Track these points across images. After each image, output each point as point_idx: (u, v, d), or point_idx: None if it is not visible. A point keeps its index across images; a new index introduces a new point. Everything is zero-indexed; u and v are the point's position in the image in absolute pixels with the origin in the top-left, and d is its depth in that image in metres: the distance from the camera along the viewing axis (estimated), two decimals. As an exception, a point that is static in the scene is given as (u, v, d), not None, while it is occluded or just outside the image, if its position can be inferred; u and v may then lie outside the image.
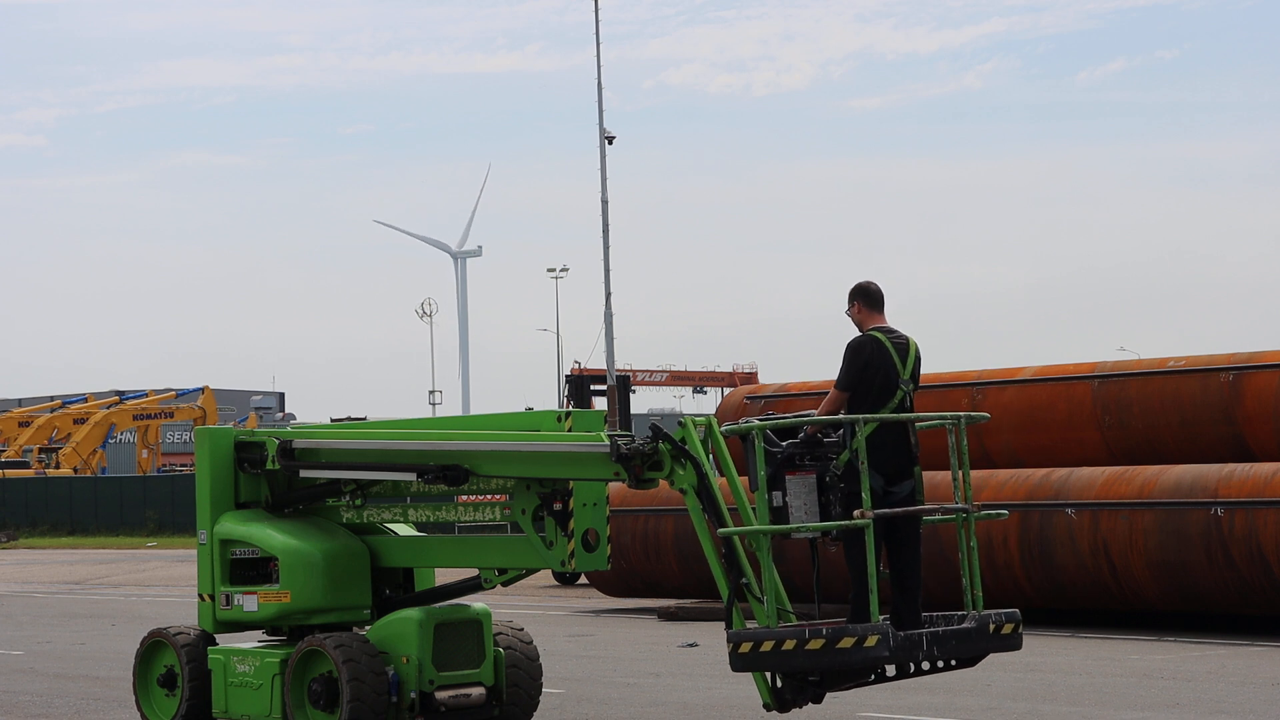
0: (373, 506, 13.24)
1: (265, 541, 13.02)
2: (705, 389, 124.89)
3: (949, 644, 10.40)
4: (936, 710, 13.75)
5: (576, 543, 11.87)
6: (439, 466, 12.23)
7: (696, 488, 10.66)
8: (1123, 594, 20.19)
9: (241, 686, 12.88)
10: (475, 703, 12.55)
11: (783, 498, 10.28)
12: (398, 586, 13.39)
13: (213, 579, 13.25)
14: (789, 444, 10.43)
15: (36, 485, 65.04)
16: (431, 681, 12.33)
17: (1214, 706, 13.78)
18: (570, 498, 11.92)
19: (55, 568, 41.71)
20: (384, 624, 12.62)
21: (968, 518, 10.72)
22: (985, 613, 10.62)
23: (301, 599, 12.82)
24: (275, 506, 13.50)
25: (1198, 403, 20.82)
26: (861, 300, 11.04)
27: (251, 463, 13.45)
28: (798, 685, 10.40)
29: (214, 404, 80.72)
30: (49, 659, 19.68)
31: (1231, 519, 19.07)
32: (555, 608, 26.25)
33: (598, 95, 50.62)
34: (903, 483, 10.66)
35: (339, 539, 13.12)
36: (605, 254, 50.64)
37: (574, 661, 17.98)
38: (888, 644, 9.90)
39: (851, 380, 10.63)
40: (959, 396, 22.84)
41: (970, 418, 10.89)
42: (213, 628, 13.33)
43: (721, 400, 30.62)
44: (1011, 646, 10.77)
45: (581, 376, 53.71)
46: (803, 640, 9.95)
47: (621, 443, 11.03)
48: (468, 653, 12.59)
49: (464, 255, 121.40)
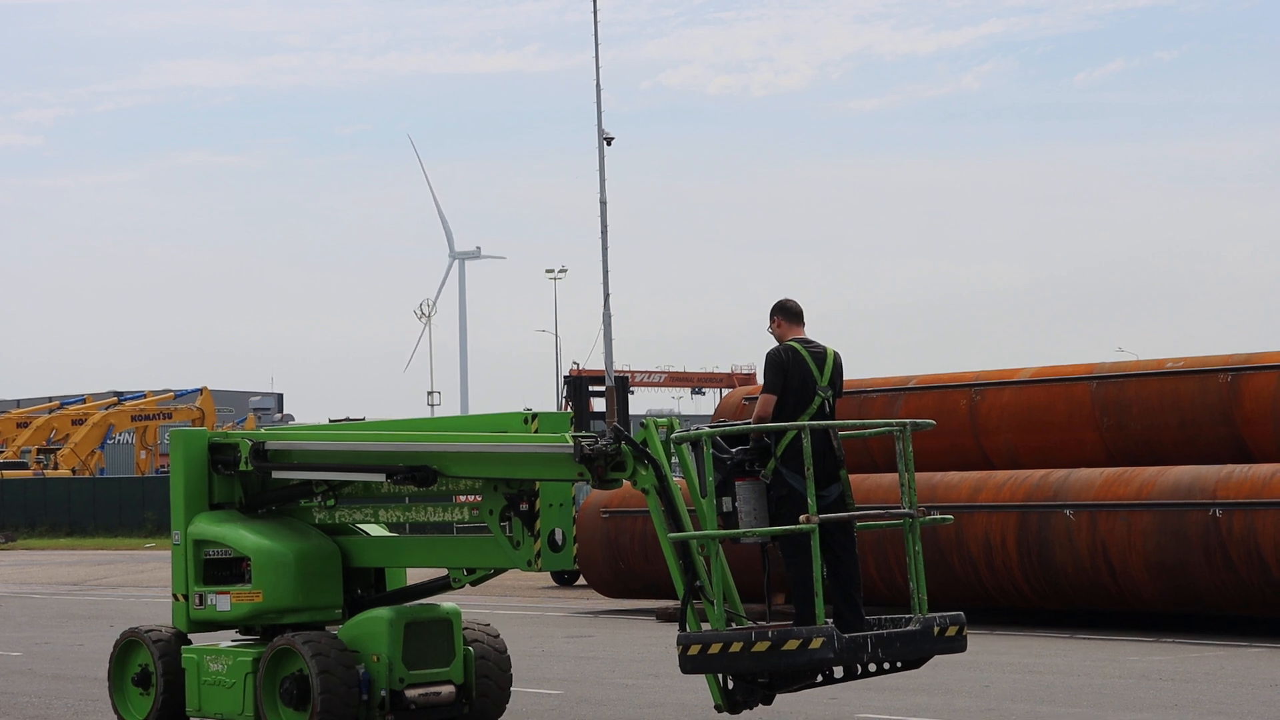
0: (344, 507, 13.44)
1: (238, 542, 13.25)
2: (703, 390, 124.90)
3: (894, 646, 10.61)
4: (934, 711, 13.74)
5: (543, 543, 12.10)
6: (408, 468, 12.45)
7: (657, 489, 10.89)
8: (1121, 595, 20.18)
9: (215, 685, 13.10)
10: (445, 701, 12.77)
11: (733, 503, 10.55)
12: (369, 586, 13.60)
13: (186, 579, 13.50)
14: (739, 450, 10.70)
15: (35, 486, 64.97)
16: (402, 680, 12.54)
17: (1213, 708, 13.78)
18: (536, 498, 12.12)
19: (53, 569, 41.68)
20: (355, 623, 12.83)
21: (913, 522, 10.86)
22: (930, 615, 10.81)
23: (273, 599, 13.05)
24: (249, 507, 13.74)
25: (1196, 404, 20.81)
26: (781, 316, 11.36)
27: (225, 464, 13.71)
28: (748, 687, 10.65)
29: (212, 405, 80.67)
30: (47, 660, 19.66)
31: (1230, 520, 19.06)
32: (554, 609, 26.24)
33: (596, 96, 50.62)
34: (829, 487, 10.85)
35: (311, 539, 13.35)
36: (604, 255, 50.62)
37: (572, 662, 17.97)
38: (833, 646, 10.11)
39: (775, 383, 10.94)
40: (958, 398, 22.84)
41: (916, 424, 11.04)
42: (186, 627, 13.56)
43: (720, 401, 30.62)
44: (956, 649, 10.98)
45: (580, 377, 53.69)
46: (749, 643, 10.17)
47: (585, 444, 11.25)
48: (438, 651, 12.80)
49: (462, 256, 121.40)
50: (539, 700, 14.97)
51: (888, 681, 14.56)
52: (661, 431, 11.06)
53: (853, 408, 23.05)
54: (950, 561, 21.20)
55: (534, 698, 15.09)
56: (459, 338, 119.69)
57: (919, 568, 10.87)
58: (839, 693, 14.23)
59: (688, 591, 10.61)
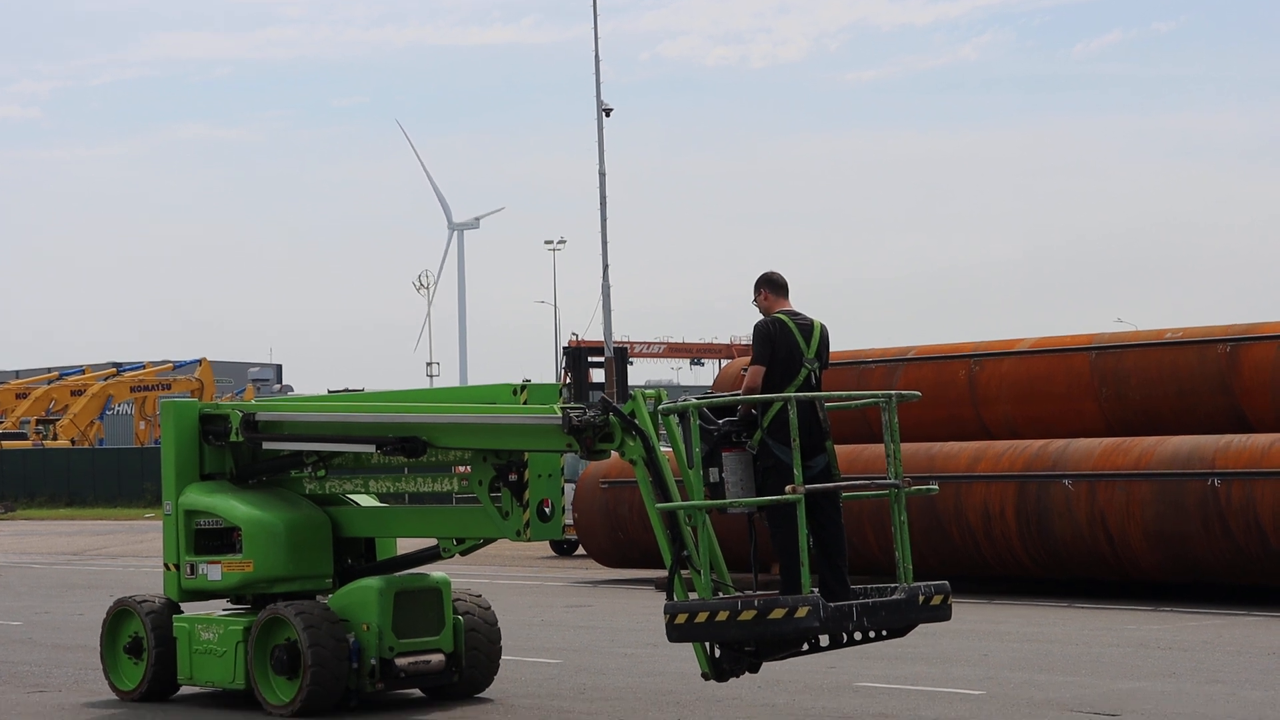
0: (335, 478, 13.52)
1: (229, 512, 13.37)
2: (703, 361, 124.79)
3: (879, 614, 10.70)
4: (934, 680, 13.77)
5: (532, 513, 12.24)
6: (397, 438, 12.58)
7: (645, 460, 10.98)
8: (1120, 564, 20.21)
9: (206, 654, 13.24)
10: (435, 669, 12.92)
11: (719, 474, 10.62)
12: (359, 556, 13.72)
13: (178, 549, 13.63)
14: (725, 421, 10.75)
15: (34, 457, 65.03)
16: (391, 649, 12.68)
17: (1210, 676, 13.81)
18: (525, 469, 12.24)
19: (53, 539, 41.73)
20: (345, 592, 12.95)
21: (898, 493, 10.91)
22: (915, 585, 10.89)
23: (264, 568, 13.17)
24: (240, 478, 13.85)
25: (1195, 374, 20.80)
26: (768, 288, 11.34)
27: (216, 435, 13.81)
28: (734, 655, 10.75)
29: (211, 376, 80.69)
30: (47, 629, 19.70)
31: (1229, 490, 19.08)
32: (553, 578, 26.28)
33: (595, 68, 50.52)
34: (816, 458, 10.88)
35: (301, 509, 13.46)
36: (603, 226, 50.60)
37: (571, 632, 18.00)
38: (818, 615, 10.20)
39: (763, 355, 10.94)
40: (957, 368, 22.84)
41: (901, 396, 11.12)
42: (178, 596, 13.70)
43: (719, 372, 30.62)
44: (941, 617, 11.05)
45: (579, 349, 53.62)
46: (735, 612, 10.25)
47: (573, 415, 11.35)
48: (427, 620, 12.93)
49: (461, 227, 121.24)
50: (538, 669, 15.00)
51: (885, 650, 14.60)
52: (649, 403, 11.15)
53: (851, 378, 23.05)
54: (949, 531, 21.22)
55: (533, 667, 15.12)
56: (458, 309, 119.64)
57: (904, 537, 10.94)
58: (837, 661, 14.27)
59: (675, 561, 10.68)
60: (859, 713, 12.25)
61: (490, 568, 28.15)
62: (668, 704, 12.82)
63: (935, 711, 12.22)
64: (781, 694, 13.14)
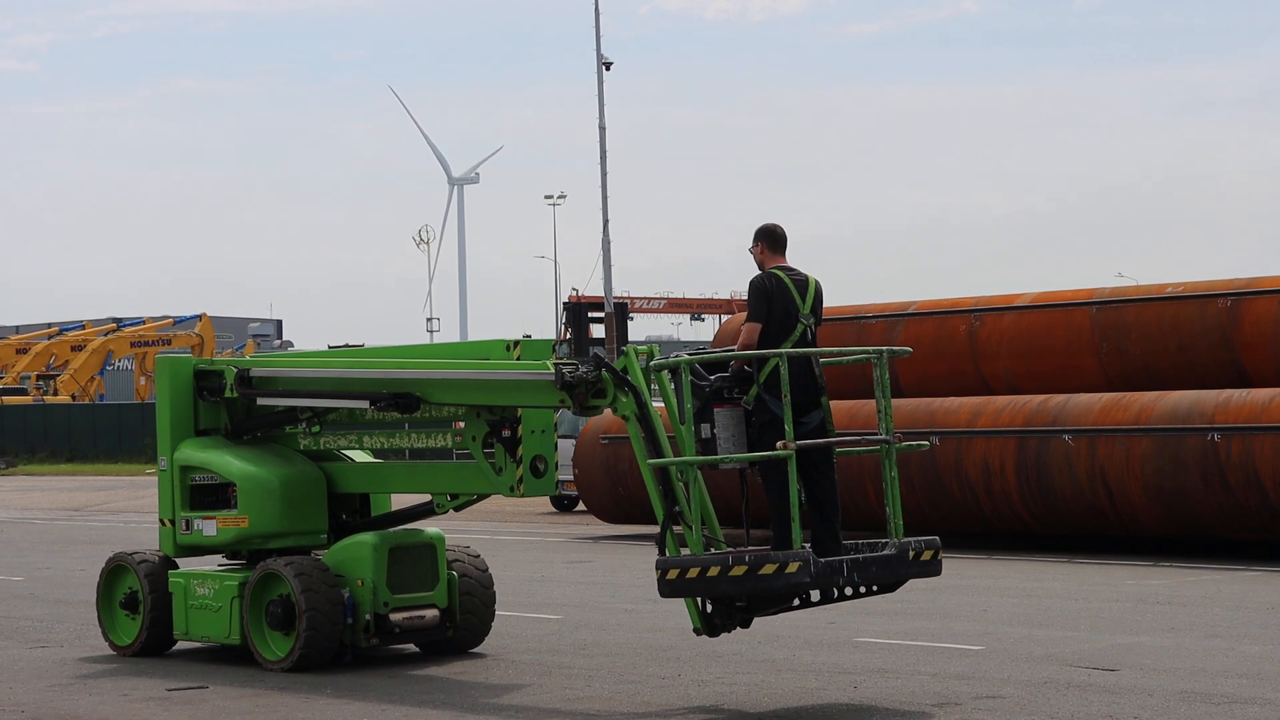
0: (329, 433, 13.59)
1: (224, 468, 13.39)
2: (703, 316, 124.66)
3: (869, 570, 10.73)
4: (933, 635, 13.81)
5: (525, 469, 12.27)
6: (391, 394, 12.64)
7: (637, 415, 11.03)
8: (1119, 520, 20.24)
9: (201, 609, 13.29)
10: (429, 624, 12.97)
11: (711, 430, 10.61)
12: (354, 512, 13.77)
13: (173, 504, 13.69)
14: (717, 377, 10.75)
15: (35, 412, 65.07)
16: (386, 604, 12.74)
17: (1209, 631, 13.85)
18: (519, 425, 12.27)
19: (54, 494, 41.82)
20: (340, 548, 12.99)
21: (889, 449, 10.91)
22: (905, 540, 10.91)
23: (259, 524, 13.21)
24: (234, 434, 13.87)
25: (1196, 329, 20.79)
26: (765, 241, 11.23)
27: (210, 391, 13.82)
28: (726, 611, 10.80)
29: (211, 331, 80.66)
30: (49, 585, 19.76)
31: (1228, 445, 19.09)
32: (554, 534, 26.34)
33: (595, 21, 50.34)
34: (811, 414, 10.87)
35: (296, 465, 13.49)
36: (603, 181, 50.58)
37: (572, 588, 18.05)
38: (809, 570, 10.25)
39: (760, 312, 10.89)
40: (957, 323, 22.82)
41: (892, 352, 11.14)
42: (173, 552, 13.74)
43: (719, 327, 30.60)
44: (931, 573, 11.07)
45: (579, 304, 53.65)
46: (726, 567, 10.29)
47: (566, 371, 11.38)
48: (421, 576, 12.99)
49: (460, 182, 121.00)
50: (539, 625, 15.04)
51: (885, 606, 14.67)
52: (642, 359, 11.20)
53: (852, 334, 23.04)
54: (949, 487, 21.25)
55: (534, 622, 15.16)
56: (458, 264, 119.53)
57: (895, 493, 10.96)
58: (837, 617, 14.31)
59: (667, 517, 10.75)
60: (858, 668, 12.29)
61: (491, 524, 28.21)
62: (668, 659, 12.86)
63: (934, 667, 12.26)
64: (781, 649, 13.19)
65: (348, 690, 11.96)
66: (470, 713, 11.18)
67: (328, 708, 11.38)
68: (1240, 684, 11.33)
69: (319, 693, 11.88)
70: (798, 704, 11.07)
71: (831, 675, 12.03)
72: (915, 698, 11.10)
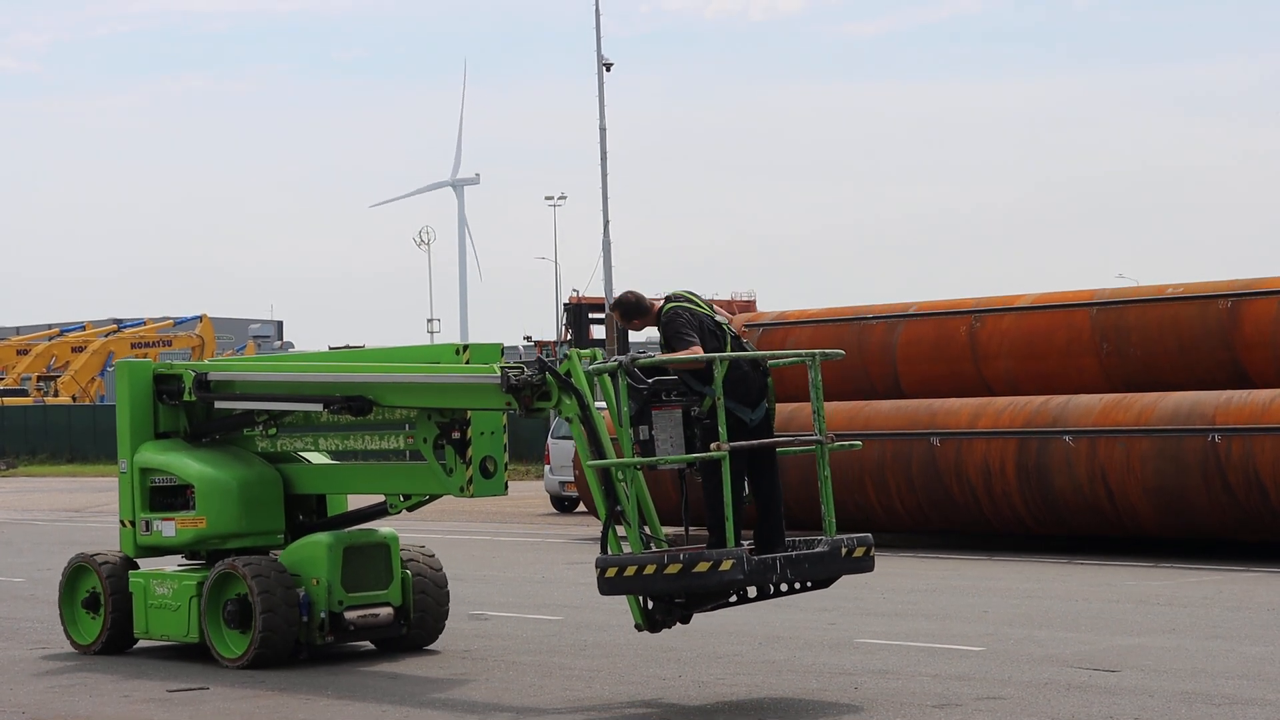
0: (286, 436, 13.87)
1: (182, 470, 13.71)
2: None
3: (803, 566, 11.10)
4: (933, 637, 13.81)
5: (475, 470, 12.61)
6: (344, 398, 13.01)
7: (580, 418, 11.33)
8: (1120, 520, 20.24)
9: (161, 608, 13.59)
10: (383, 622, 13.29)
11: (649, 431, 10.98)
12: (310, 512, 14.05)
13: (133, 506, 13.98)
14: (655, 380, 11.09)
15: (35, 413, 65.03)
16: (341, 602, 13.04)
17: (1210, 631, 13.84)
18: (468, 427, 12.61)
19: (54, 495, 41.80)
20: (296, 548, 13.30)
21: (822, 449, 11.26)
22: (838, 537, 11.25)
23: (217, 524, 13.53)
24: (193, 436, 14.17)
25: (1196, 330, 20.78)
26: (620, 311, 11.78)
27: (170, 394, 14.14)
28: (666, 607, 11.13)
29: (212, 332, 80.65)
30: (49, 586, 19.67)
31: (1229, 446, 19.09)
32: (553, 535, 26.33)
33: (595, 21, 50.34)
34: (758, 408, 11.24)
35: (253, 467, 13.80)
36: (603, 181, 50.53)
37: (571, 589, 18.05)
38: (742, 568, 10.60)
39: (692, 331, 11.12)
40: (957, 324, 22.82)
41: (825, 354, 11.44)
42: (134, 552, 14.06)
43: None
44: (863, 569, 11.41)
45: (580, 305, 53.65)
46: (662, 565, 10.63)
47: (512, 374, 11.73)
48: (376, 575, 13.29)
49: (461, 184, 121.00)
50: (540, 626, 15.04)
51: (885, 607, 14.70)
52: (585, 362, 11.47)
53: (852, 335, 23.02)
54: (949, 488, 21.24)
55: (535, 624, 15.17)
56: (458, 265, 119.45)
57: (828, 491, 11.29)
58: (838, 619, 14.32)
59: (609, 516, 11.06)
60: (859, 669, 12.29)
61: (491, 524, 28.21)
62: (668, 660, 12.87)
63: (935, 668, 12.27)
64: (781, 650, 13.19)
65: (349, 692, 11.99)
66: (470, 713, 11.20)
67: (328, 709, 11.41)
68: (1241, 685, 11.33)
69: (320, 694, 11.91)
70: (798, 705, 11.07)
71: (832, 676, 12.04)
72: (916, 699, 11.11)
